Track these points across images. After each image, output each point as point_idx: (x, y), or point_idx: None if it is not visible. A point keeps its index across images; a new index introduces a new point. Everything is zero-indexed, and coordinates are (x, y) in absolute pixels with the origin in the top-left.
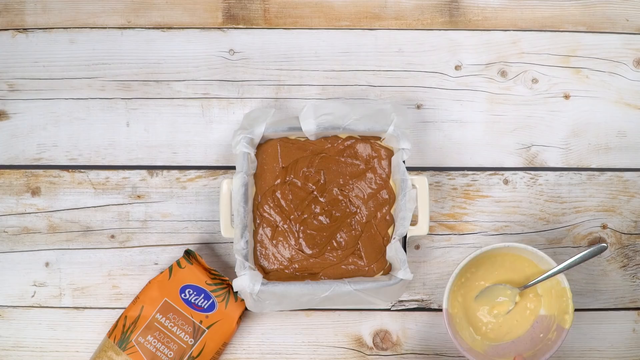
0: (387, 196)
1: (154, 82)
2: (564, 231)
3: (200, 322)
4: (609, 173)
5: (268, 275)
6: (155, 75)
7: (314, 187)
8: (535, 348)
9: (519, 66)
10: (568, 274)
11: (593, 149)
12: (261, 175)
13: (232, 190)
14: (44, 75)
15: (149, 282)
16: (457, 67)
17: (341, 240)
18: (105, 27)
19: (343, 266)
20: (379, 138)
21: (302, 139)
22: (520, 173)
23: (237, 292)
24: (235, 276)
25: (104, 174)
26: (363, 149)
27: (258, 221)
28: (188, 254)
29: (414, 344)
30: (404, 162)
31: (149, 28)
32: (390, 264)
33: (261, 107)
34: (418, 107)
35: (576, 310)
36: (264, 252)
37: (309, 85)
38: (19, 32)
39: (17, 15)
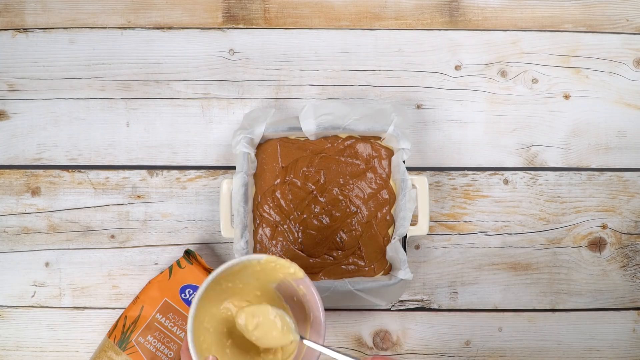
0: (387, 196)
1: (154, 82)
2: (563, 231)
3: None
4: (609, 173)
5: None
6: (155, 75)
7: (313, 187)
8: None
9: (519, 66)
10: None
11: (593, 149)
12: (261, 175)
13: (232, 190)
14: (44, 75)
15: (149, 282)
16: (457, 67)
17: (341, 240)
18: (105, 27)
19: (343, 266)
20: (379, 138)
21: (302, 139)
22: (520, 173)
23: None
24: None
25: (104, 174)
26: (363, 149)
27: (258, 221)
28: (188, 254)
29: (414, 344)
30: (404, 162)
31: (149, 28)
32: (390, 264)
33: (261, 107)
34: (418, 107)
35: (576, 310)
36: (263, 252)
37: (309, 85)
38: (19, 32)
39: (17, 15)
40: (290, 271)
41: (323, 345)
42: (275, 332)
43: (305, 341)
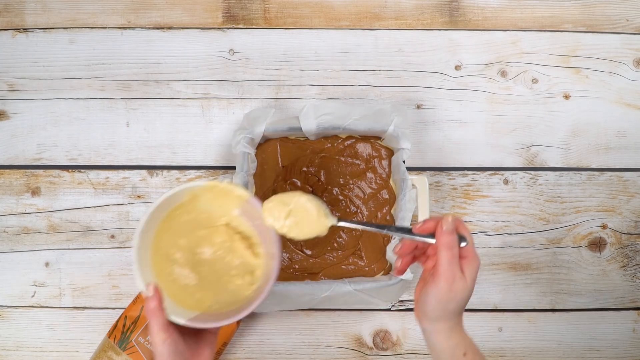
0: (387, 196)
1: (154, 82)
2: (564, 231)
3: None
4: (609, 173)
5: None
6: (155, 75)
7: (313, 187)
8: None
9: (519, 66)
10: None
11: (593, 149)
12: (261, 175)
13: None
14: (44, 75)
15: None
16: (457, 67)
17: (341, 240)
18: (105, 27)
19: (343, 266)
20: (379, 138)
21: (302, 139)
22: (520, 173)
23: None
24: None
25: (104, 174)
26: (363, 149)
27: None
28: None
29: (414, 344)
30: (404, 162)
31: (149, 28)
32: (390, 264)
33: (261, 107)
34: (418, 107)
35: (576, 310)
36: None
37: (309, 85)
38: (19, 32)
39: (17, 15)
40: (235, 194)
41: (356, 222)
42: (310, 218)
43: (342, 222)
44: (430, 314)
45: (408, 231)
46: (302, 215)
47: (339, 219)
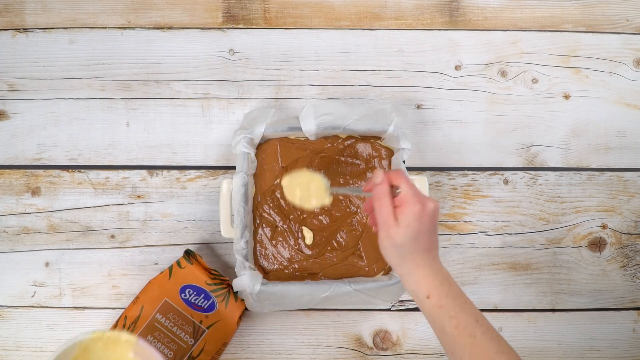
0: None
1: (154, 82)
2: (564, 231)
3: (200, 322)
4: (609, 173)
5: (268, 275)
6: (155, 75)
7: None
8: None
9: (519, 66)
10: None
11: (593, 149)
12: (261, 175)
13: (232, 190)
14: (44, 75)
15: (149, 282)
16: (457, 67)
17: (341, 240)
18: (105, 27)
19: (343, 266)
20: (379, 138)
21: (302, 139)
22: (520, 173)
23: (237, 292)
24: (235, 276)
25: (104, 174)
26: (363, 149)
27: (258, 221)
28: (188, 254)
29: (414, 344)
30: (404, 162)
31: (149, 28)
32: None
33: (261, 107)
34: (418, 107)
35: (576, 310)
36: (263, 252)
37: (309, 85)
38: (19, 32)
39: (17, 15)
40: (123, 339)
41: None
42: (313, 192)
43: (333, 189)
44: (387, 261)
45: (359, 191)
46: (306, 190)
47: (331, 189)
